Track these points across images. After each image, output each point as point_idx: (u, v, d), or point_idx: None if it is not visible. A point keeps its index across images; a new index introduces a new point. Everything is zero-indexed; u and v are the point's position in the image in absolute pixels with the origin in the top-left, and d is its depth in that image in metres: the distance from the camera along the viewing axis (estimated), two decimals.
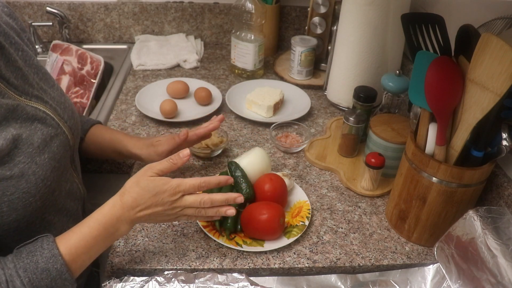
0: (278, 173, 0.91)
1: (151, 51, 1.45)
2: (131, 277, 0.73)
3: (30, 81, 0.70)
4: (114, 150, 0.91)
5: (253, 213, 0.80)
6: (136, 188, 0.68)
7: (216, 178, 0.72)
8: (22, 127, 0.64)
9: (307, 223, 0.84)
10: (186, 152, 0.72)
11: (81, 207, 0.82)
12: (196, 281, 0.73)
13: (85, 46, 1.44)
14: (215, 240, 0.80)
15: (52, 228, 0.71)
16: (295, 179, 0.98)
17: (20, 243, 0.63)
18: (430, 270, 0.78)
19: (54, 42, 1.33)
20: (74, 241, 0.64)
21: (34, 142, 0.65)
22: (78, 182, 0.80)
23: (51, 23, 1.46)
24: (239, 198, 0.73)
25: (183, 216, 0.72)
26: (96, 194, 0.99)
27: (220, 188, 0.86)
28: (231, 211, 0.72)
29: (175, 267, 0.77)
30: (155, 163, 0.71)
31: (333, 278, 0.78)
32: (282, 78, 1.37)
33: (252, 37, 1.31)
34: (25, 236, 0.66)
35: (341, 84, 1.19)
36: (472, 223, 0.70)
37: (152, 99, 1.20)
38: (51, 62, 1.30)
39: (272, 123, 1.09)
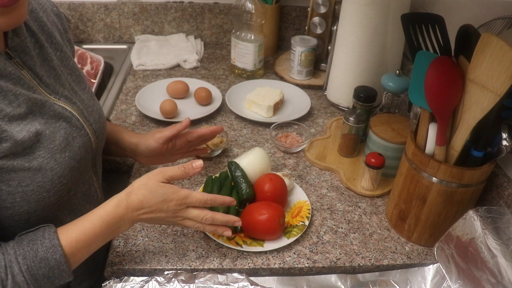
0: (278, 173, 0.91)
1: (151, 51, 1.45)
2: (131, 277, 0.73)
3: (62, 81, 0.72)
4: (112, 140, 0.90)
5: (253, 213, 0.80)
6: (144, 191, 0.69)
7: (222, 198, 0.74)
8: (47, 123, 0.65)
9: (307, 223, 0.84)
10: (199, 163, 0.73)
11: None
12: (196, 281, 0.73)
13: (85, 46, 1.44)
14: (215, 240, 0.80)
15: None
16: (295, 179, 0.98)
17: None
18: (430, 270, 0.78)
19: None
20: (76, 235, 0.65)
21: (56, 139, 0.66)
22: (97, 186, 0.80)
23: None
24: (238, 222, 0.76)
25: (182, 224, 0.73)
26: None
27: (220, 188, 0.87)
28: (228, 233, 0.74)
29: (175, 267, 0.77)
30: (167, 168, 0.71)
31: (333, 278, 0.78)
32: (282, 78, 1.37)
33: (252, 37, 1.31)
34: None
35: (341, 84, 1.19)
36: (472, 223, 0.70)
37: (152, 99, 1.20)
38: None
39: (272, 123, 1.09)
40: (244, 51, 1.32)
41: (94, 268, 0.83)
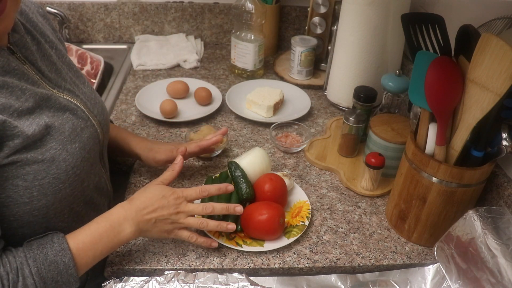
0: (278, 173, 0.91)
1: (151, 51, 1.45)
2: (131, 277, 0.73)
3: (63, 75, 0.74)
4: (117, 147, 0.93)
5: (253, 213, 0.80)
6: (144, 193, 0.74)
7: (216, 185, 0.78)
8: (55, 116, 0.67)
9: (307, 223, 0.84)
10: (178, 158, 0.82)
11: (107, 204, 0.84)
12: (196, 281, 0.73)
13: (85, 46, 1.44)
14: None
15: (79, 221, 0.73)
16: (295, 179, 0.98)
17: (48, 231, 0.66)
18: (430, 270, 0.78)
19: None
20: (82, 236, 0.67)
21: (65, 130, 0.67)
22: (106, 178, 0.83)
23: None
24: (238, 208, 0.77)
25: (185, 229, 0.76)
26: None
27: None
28: (232, 226, 0.76)
29: (175, 267, 0.77)
30: (160, 177, 0.79)
31: (333, 278, 0.78)
32: (282, 78, 1.37)
33: (252, 37, 1.31)
34: (52, 224, 0.69)
35: (341, 84, 1.19)
36: (472, 223, 0.70)
37: (152, 99, 1.20)
38: None
39: (272, 123, 1.09)
40: (244, 51, 1.32)
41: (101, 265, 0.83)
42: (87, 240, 0.67)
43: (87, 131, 0.72)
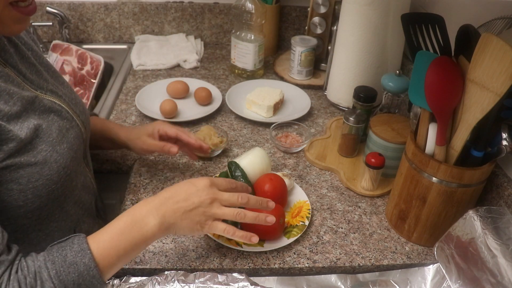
0: (278, 173, 0.91)
1: (151, 51, 1.45)
2: (131, 277, 0.73)
3: (44, 76, 0.73)
4: (105, 138, 0.93)
5: None
6: (173, 186, 0.69)
7: (258, 198, 0.73)
8: (41, 118, 0.67)
9: (307, 223, 0.84)
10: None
11: (94, 202, 0.84)
12: (196, 281, 0.73)
13: (85, 46, 1.44)
14: (215, 240, 0.80)
15: (69, 220, 0.74)
16: (295, 179, 0.98)
17: (40, 233, 0.66)
18: (430, 270, 0.78)
19: (54, 42, 1.33)
20: (102, 235, 0.63)
21: (53, 132, 0.67)
22: (90, 176, 0.83)
23: (51, 23, 1.46)
24: (269, 218, 0.71)
25: (220, 221, 0.69)
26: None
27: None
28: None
29: (175, 267, 0.77)
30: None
31: (333, 278, 0.78)
32: (282, 78, 1.37)
33: (252, 37, 1.31)
34: (45, 226, 0.69)
35: (341, 84, 1.19)
36: (472, 223, 0.70)
37: (152, 99, 1.20)
38: (51, 62, 1.30)
39: (272, 123, 1.09)
40: (244, 51, 1.32)
41: None
42: (107, 238, 0.62)
43: (72, 131, 0.72)
